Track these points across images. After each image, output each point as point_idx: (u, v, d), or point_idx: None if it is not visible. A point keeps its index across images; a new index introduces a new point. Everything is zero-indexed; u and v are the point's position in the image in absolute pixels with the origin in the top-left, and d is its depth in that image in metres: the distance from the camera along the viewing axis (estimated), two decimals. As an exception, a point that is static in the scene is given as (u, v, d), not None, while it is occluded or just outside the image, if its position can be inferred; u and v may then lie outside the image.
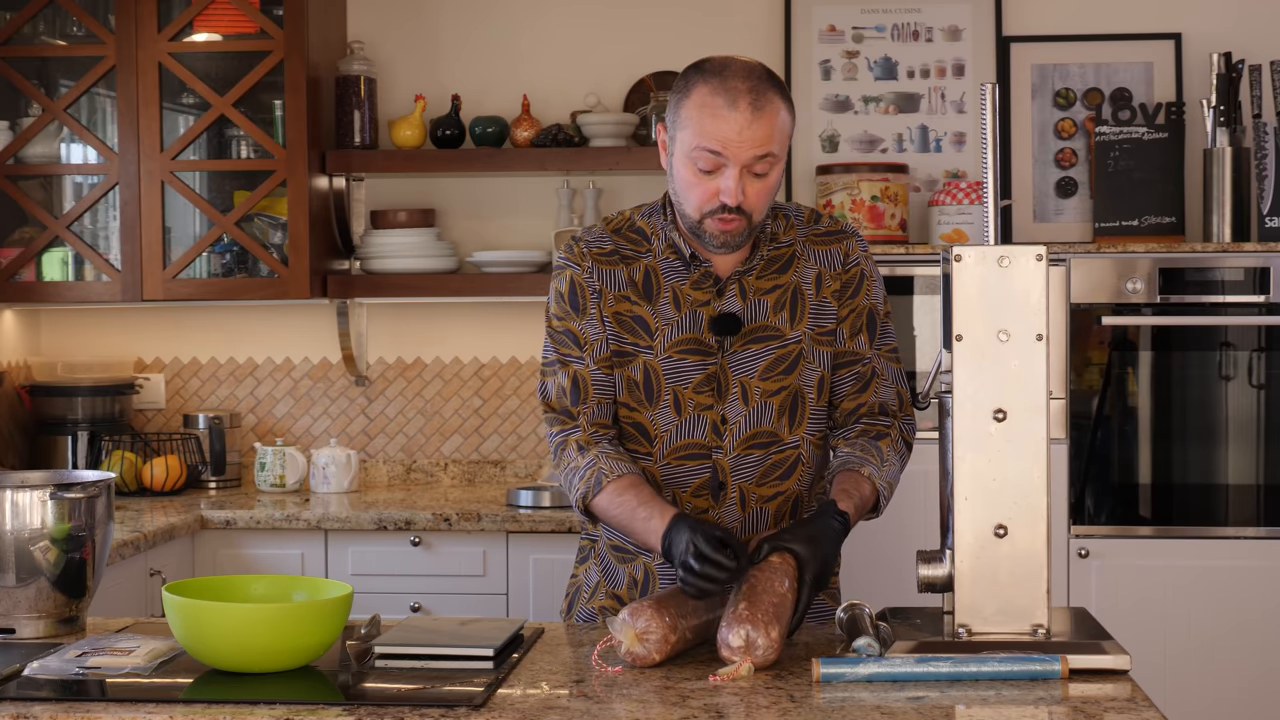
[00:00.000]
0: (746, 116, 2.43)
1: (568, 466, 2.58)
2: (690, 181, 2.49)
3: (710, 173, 2.47)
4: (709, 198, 2.48)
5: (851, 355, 2.63)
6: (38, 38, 4.38)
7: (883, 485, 2.56)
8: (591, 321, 2.59)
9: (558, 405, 2.61)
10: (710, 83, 2.47)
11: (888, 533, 3.80)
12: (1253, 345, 3.96)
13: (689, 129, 2.47)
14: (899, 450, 2.63)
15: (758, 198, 2.49)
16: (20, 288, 4.33)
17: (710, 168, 2.46)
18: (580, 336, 2.59)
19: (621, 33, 4.56)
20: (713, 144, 2.44)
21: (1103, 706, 2.05)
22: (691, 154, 2.47)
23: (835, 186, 4.25)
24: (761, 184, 2.48)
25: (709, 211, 2.48)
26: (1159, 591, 3.92)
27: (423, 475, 4.60)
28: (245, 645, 2.17)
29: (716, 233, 2.50)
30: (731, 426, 2.58)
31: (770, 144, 2.45)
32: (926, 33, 4.47)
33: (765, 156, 2.46)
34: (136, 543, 3.59)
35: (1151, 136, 4.24)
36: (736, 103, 2.44)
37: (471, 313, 4.59)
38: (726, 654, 2.21)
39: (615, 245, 2.62)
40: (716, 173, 2.46)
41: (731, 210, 2.47)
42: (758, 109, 2.44)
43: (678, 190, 2.53)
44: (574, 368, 2.59)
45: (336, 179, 4.48)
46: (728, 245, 2.52)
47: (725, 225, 2.49)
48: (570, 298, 2.60)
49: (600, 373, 2.59)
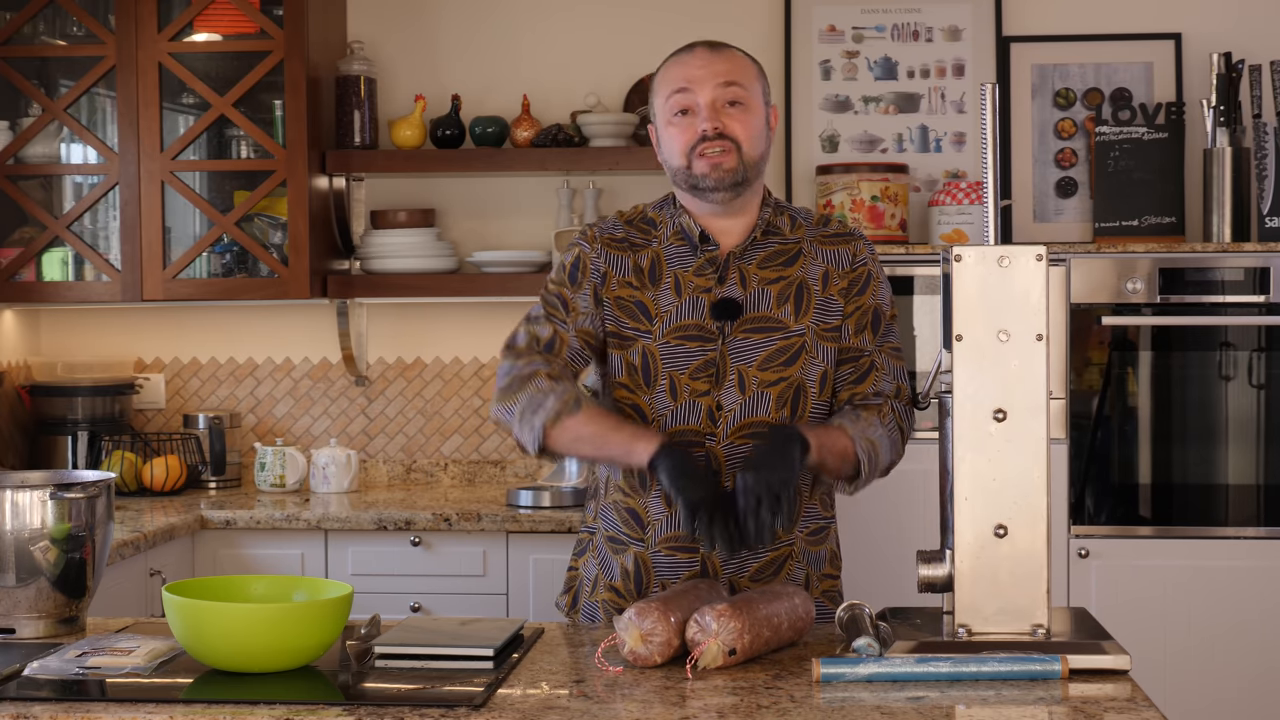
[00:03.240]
0: (705, 53, 2.62)
1: (533, 390, 2.56)
2: (672, 133, 2.62)
3: (685, 113, 2.59)
4: (691, 136, 2.59)
5: (854, 351, 2.66)
6: (38, 38, 4.38)
7: (857, 437, 2.56)
8: (585, 296, 2.66)
9: (524, 349, 2.64)
10: (674, 53, 2.67)
11: (888, 533, 3.80)
12: (1253, 345, 3.96)
13: (660, 91, 2.64)
14: (885, 422, 2.62)
15: (740, 125, 2.59)
16: (20, 288, 4.33)
17: (683, 106, 2.60)
18: (570, 304, 2.67)
19: (621, 33, 4.56)
20: (680, 82, 2.60)
21: (1103, 706, 2.05)
22: (667, 106, 2.62)
23: (835, 186, 4.25)
24: (740, 113, 2.60)
25: (693, 147, 2.58)
26: (1159, 591, 3.93)
27: (423, 475, 4.60)
28: (245, 645, 2.17)
29: (707, 171, 2.59)
30: (726, 413, 2.60)
31: (735, 74, 2.60)
32: (926, 33, 4.47)
33: (731, 85, 2.59)
34: (136, 543, 3.59)
35: (1151, 136, 4.24)
36: (693, 49, 2.65)
37: (471, 313, 4.59)
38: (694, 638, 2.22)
39: (626, 234, 2.70)
40: (691, 113, 2.59)
41: (712, 138, 2.57)
42: (715, 49, 2.63)
43: (665, 152, 2.64)
44: (556, 327, 2.66)
45: (336, 179, 4.48)
46: (721, 184, 2.59)
47: (712, 159, 2.58)
48: (572, 270, 2.69)
49: (577, 342, 2.65)
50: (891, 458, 2.64)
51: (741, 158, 2.58)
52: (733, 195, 2.60)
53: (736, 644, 2.21)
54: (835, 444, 2.54)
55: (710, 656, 2.20)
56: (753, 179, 2.62)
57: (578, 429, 2.55)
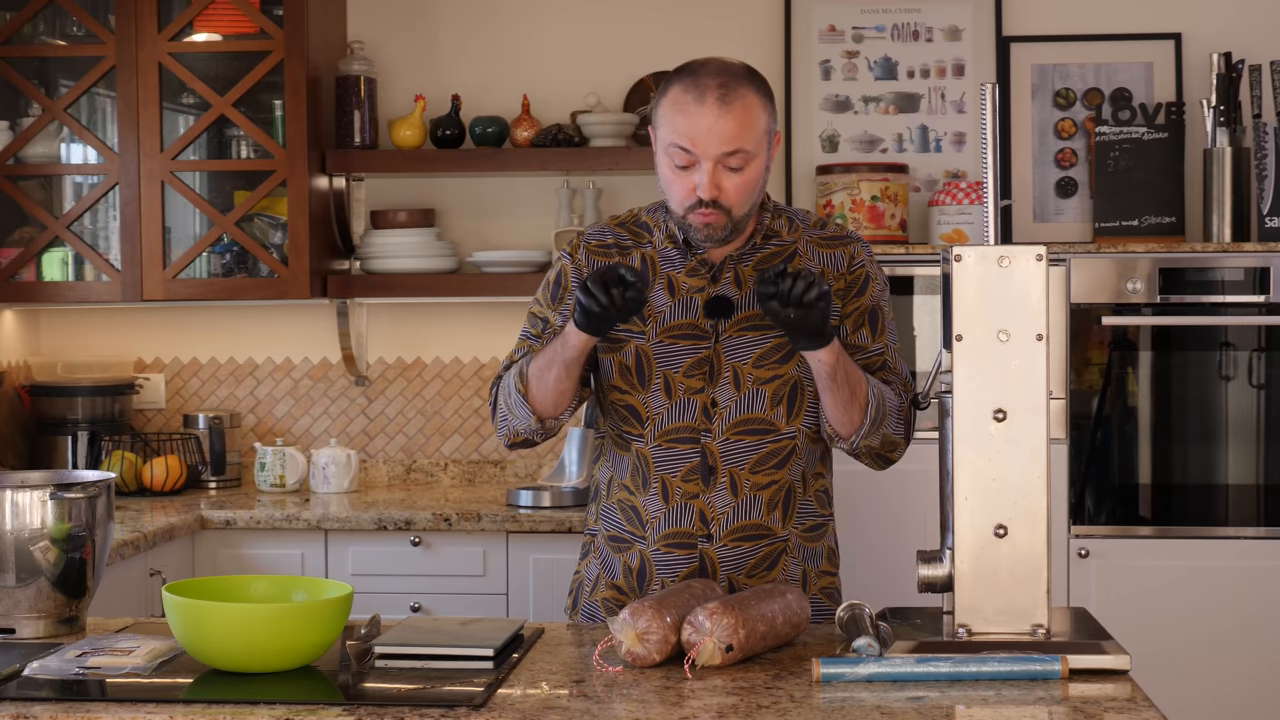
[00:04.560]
0: (714, 111, 2.51)
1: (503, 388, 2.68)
2: (670, 178, 2.58)
3: (685, 168, 2.55)
4: (687, 193, 2.56)
5: (853, 348, 2.65)
6: (38, 38, 4.38)
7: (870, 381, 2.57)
8: (564, 312, 2.69)
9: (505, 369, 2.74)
10: (683, 80, 2.56)
11: (888, 533, 3.80)
12: (1253, 345, 3.96)
13: (664, 126, 2.57)
14: (896, 393, 2.64)
15: (736, 193, 2.55)
16: (20, 288, 4.33)
17: (684, 163, 2.55)
18: (550, 322, 2.71)
19: (621, 33, 4.56)
20: (683, 140, 2.53)
21: (1103, 706, 2.05)
22: (668, 150, 2.56)
23: (835, 186, 4.25)
24: (738, 178, 2.54)
25: (689, 206, 2.57)
26: (1159, 591, 3.92)
27: (423, 475, 4.60)
28: (245, 645, 2.17)
29: (699, 226, 2.58)
30: (721, 410, 2.61)
31: (741, 140, 2.52)
32: (926, 33, 4.47)
33: (736, 153, 2.52)
34: (136, 543, 3.59)
35: (1151, 136, 4.24)
36: (704, 98, 2.51)
37: (471, 313, 4.59)
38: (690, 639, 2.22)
39: (615, 239, 2.71)
40: (691, 169, 2.54)
41: (708, 205, 2.54)
42: (725, 104, 2.51)
43: (663, 186, 2.62)
44: (531, 345, 2.71)
45: (336, 179, 4.48)
46: (711, 239, 2.59)
47: (705, 219, 2.56)
48: (554, 287, 2.73)
49: None
50: (895, 427, 2.63)
51: (732, 218, 2.57)
52: (723, 244, 2.62)
53: (732, 640, 2.21)
54: (852, 365, 2.56)
55: (707, 654, 2.20)
56: (744, 226, 2.61)
57: (535, 370, 2.62)
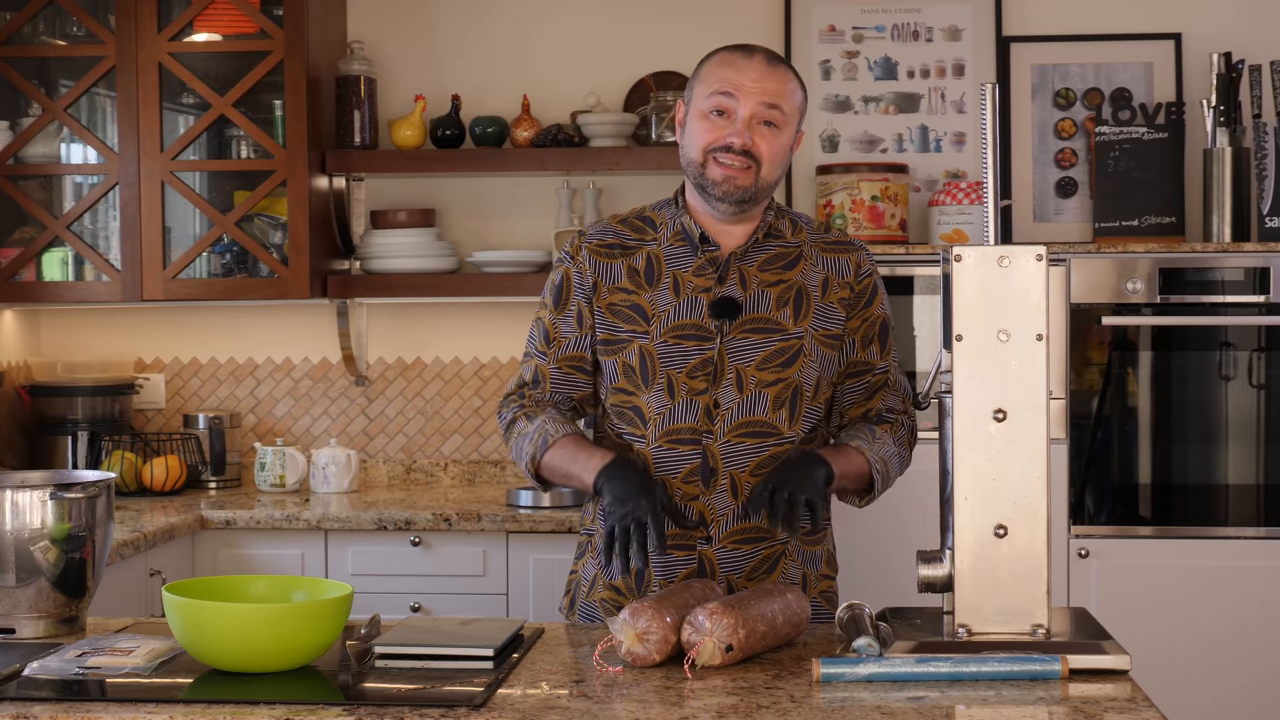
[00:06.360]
0: (761, 66, 2.57)
1: (518, 435, 2.68)
2: (701, 127, 2.59)
3: (722, 114, 2.57)
4: (717, 137, 2.57)
5: (863, 365, 2.68)
6: (38, 38, 4.38)
7: (874, 459, 2.62)
8: (568, 319, 2.68)
9: (514, 392, 2.74)
10: (731, 47, 2.63)
11: (888, 533, 3.80)
12: (1253, 345, 3.96)
13: (705, 81, 2.60)
14: (898, 436, 2.69)
15: (768, 148, 2.57)
16: (20, 288, 4.33)
17: (722, 108, 2.57)
18: (551, 333, 2.70)
19: (621, 33, 4.56)
20: (726, 86, 2.56)
21: (1103, 706, 2.05)
22: (706, 101, 2.58)
23: (835, 186, 4.25)
24: (771, 135, 2.57)
25: (714, 148, 2.57)
26: (1159, 591, 3.92)
27: (423, 475, 4.60)
28: (245, 645, 2.17)
29: (719, 178, 2.58)
30: (724, 412, 2.61)
31: (781, 97, 2.57)
32: (926, 33, 4.47)
33: (775, 108, 2.56)
34: (136, 543, 3.59)
35: (1151, 136, 4.24)
36: (752, 55, 2.59)
37: (471, 313, 4.59)
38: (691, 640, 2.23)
39: (618, 237, 2.70)
40: (727, 116, 2.57)
41: (738, 152, 2.55)
42: (771, 65, 2.59)
43: (686, 144, 2.61)
44: (536, 362, 2.71)
45: (336, 179, 4.48)
46: (728, 197, 2.58)
47: (727, 170, 2.56)
48: (556, 293, 2.71)
49: (560, 371, 2.69)
50: (901, 472, 2.71)
51: (758, 177, 2.58)
52: (737, 210, 2.61)
53: (732, 640, 2.21)
54: (852, 467, 2.61)
55: (707, 654, 2.20)
56: (761, 199, 2.62)
57: (551, 466, 2.63)
